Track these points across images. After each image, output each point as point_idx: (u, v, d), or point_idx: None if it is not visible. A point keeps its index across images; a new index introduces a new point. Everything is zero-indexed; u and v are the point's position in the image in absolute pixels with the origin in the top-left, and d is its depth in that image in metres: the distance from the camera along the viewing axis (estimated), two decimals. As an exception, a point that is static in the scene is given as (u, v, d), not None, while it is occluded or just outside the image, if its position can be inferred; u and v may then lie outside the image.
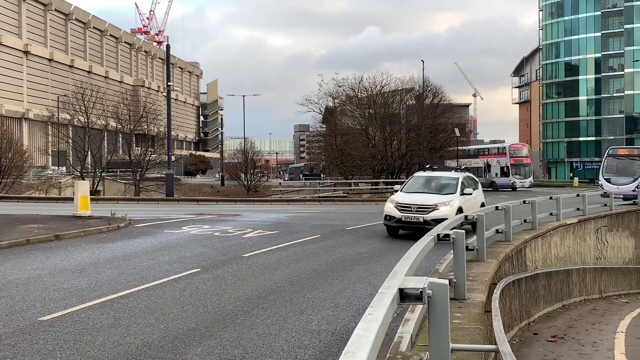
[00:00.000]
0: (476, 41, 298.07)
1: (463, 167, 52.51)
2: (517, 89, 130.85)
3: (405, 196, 18.86)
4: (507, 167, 62.62)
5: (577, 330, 15.05)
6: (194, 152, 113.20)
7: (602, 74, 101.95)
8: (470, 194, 19.32)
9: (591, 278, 20.70)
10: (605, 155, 39.34)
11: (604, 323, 16.31)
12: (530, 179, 63.95)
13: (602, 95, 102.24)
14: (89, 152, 53.43)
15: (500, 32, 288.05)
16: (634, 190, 33.33)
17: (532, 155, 69.27)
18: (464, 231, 7.46)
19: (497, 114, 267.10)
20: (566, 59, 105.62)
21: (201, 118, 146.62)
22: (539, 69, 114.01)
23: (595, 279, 21.02)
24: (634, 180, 35.53)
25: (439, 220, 13.76)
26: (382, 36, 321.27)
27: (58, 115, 63.31)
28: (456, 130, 53.39)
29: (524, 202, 16.90)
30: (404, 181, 22.01)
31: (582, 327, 15.42)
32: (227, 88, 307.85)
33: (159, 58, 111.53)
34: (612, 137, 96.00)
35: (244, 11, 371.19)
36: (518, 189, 60.31)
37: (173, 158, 45.41)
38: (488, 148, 73.58)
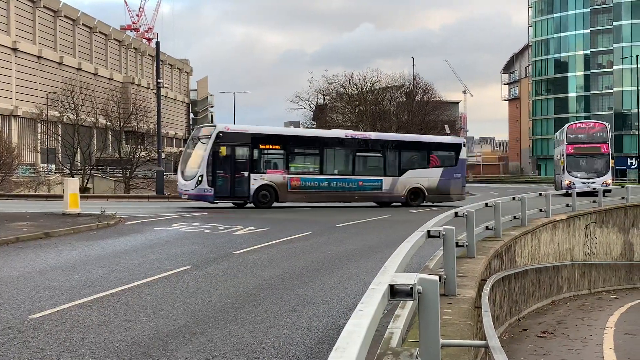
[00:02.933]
0: (470, 38, 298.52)
1: None
2: (507, 85, 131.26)
3: None
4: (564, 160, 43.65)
5: (567, 325, 15.14)
6: (184, 149, 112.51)
7: (591, 71, 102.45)
8: None
9: (580, 274, 20.83)
10: None
11: (593, 319, 16.42)
12: (606, 176, 41.89)
13: (591, 92, 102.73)
14: (79, 150, 53.21)
15: (494, 30, 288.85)
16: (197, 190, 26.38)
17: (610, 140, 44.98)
18: (454, 227, 7.49)
19: (487, 111, 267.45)
20: (555, 55, 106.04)
21: (191, 115, 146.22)
22: (529, 65, 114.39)
23: (584, 275, 21.14)
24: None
25: None
26: (377, 32, 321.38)
27: (47, 112, 63.01)
28: (446, 127, 53.55)
29: (513, 198, 16.98)
30: None
31: (571, 323, 15.51)
32: (221, 85, 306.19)
33: (149, 55, 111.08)
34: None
35: (239, 8, 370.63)
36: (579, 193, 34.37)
37: (163, 155, 45.29)
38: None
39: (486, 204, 13.39)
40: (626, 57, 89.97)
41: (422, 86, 61.92)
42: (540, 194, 19.72)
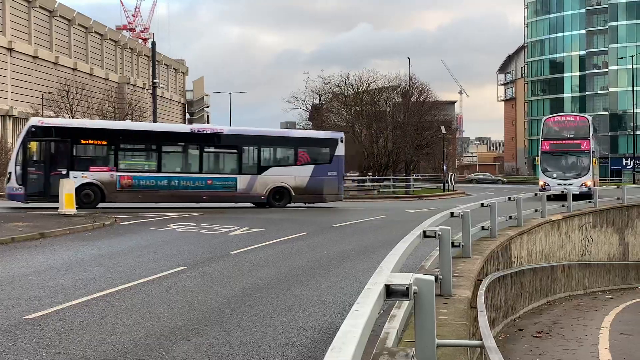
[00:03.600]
0: (466, 39, 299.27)
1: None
2: (503, 86, 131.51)
3: None
4: (539, 158, 39.07)
5: (562, 325, 15.16)
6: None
7: (587, 72, 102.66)
8: None
9: (576, 274, 20.85)
10: None
11: (589, 319, 16.44)
12: (586, 177, 36.60)
13: (586, 93, 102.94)
14: (74, 150, 53.10)
15: (490, 30, 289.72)
16: None
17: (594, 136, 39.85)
18: (449, 228, 7.50)
19: (483, 111, 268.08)
20: (551, 56, 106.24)
21: (187, 115, 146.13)
22: (524, 66, 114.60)
23: (579, 275, 21.17)
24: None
25: None
26: (374, 33, 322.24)
27: (43, 112, 62.90)
28: (442, 127, 53.52)
29: (509, 199, 17.00)
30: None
31: (567, 323, 15.53)
32: (217, 85, 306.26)
33: (145, 55, 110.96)
34: (597, 134, 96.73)
35: (235, 8, 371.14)
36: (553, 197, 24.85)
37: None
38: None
39: (482, 204, 13.40)
40: (622, 58, 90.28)
41: (418, 87, 61.92)
42: (535, 195, 19.74)
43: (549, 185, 35.56)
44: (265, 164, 28.60)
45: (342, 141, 29.65)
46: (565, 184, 34.31)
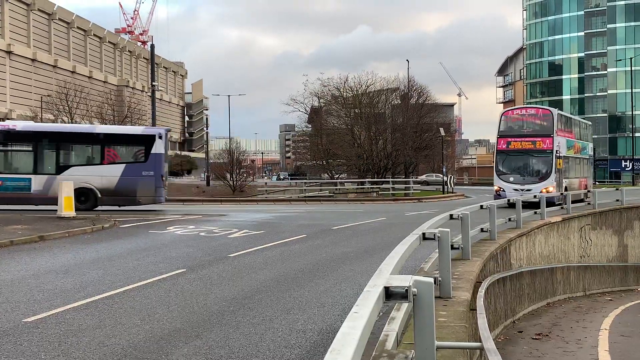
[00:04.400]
0: (465, 41, 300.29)
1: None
2: (502, 88, 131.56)
3: None
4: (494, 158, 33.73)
5: (562, 327, 15.16)
6: (179, 152, 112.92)
7: (586, 74, 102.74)
8: None
9: (575, 276, 20.85)
10: None
11: (588, 321, 16.43)
12: (547, 182, 30.38)
13: (585, 95, 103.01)
14: (73, 153, 53.13)
15: (489, 32, 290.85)
16: None
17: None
18: (449, 230, 7.50)
19: (482, 114, 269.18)
20: (550, 58, 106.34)
21: (186, 118, 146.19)
22: (523, 68, 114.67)
23: (579, 277, 21.17)
24: None
25: None
26: (373, 35, 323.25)
27: (42, 115, 62.91)
28: (441, 129, 53.54)
29: (508, 201, 17.01)
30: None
31: (566, 325, 15.53)
32: (216, 87, 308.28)
33: (144, 58, 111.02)
34: (596, 136, 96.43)
35: (235, 11, 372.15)
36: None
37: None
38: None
39: (481, 207, 13.41)
40: (620, 60, 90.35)
41: (417, 89, 61.94)
42: (534, 196, 19.73)
43: (504, 190, 30.23)
44: (65, 163, 26.30)
45: (160, 137, 26.40)
46: (522, 190, 29.23)
